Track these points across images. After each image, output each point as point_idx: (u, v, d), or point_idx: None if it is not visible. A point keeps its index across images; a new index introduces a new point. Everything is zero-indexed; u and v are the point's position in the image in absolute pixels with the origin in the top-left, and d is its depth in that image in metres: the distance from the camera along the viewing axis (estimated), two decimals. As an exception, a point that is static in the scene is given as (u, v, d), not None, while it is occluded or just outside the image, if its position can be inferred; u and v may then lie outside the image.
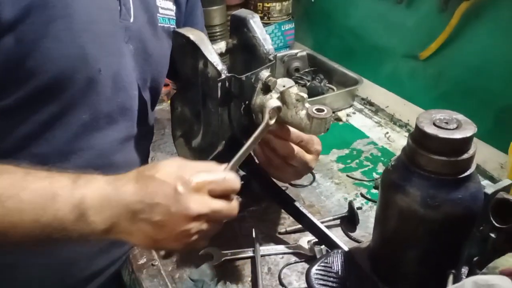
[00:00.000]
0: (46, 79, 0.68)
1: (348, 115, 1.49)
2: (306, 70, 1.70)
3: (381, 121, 1.46)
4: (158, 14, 0.87)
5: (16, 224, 0.55)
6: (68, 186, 0.57)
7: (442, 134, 0.57)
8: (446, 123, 0.58)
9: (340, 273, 0.72)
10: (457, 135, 0.56)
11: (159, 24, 0.87)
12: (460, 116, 0.60)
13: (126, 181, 0.60)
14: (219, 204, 0.63)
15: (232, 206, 0.65)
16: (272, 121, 0.75)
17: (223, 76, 0.79)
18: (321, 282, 0.70)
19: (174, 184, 0.59)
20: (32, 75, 0.66)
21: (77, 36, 0.69)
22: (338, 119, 1.45)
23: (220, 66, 0.78)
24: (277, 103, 0.75)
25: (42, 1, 0.64)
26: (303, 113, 0.76)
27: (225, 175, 0.64)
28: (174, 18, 0.92)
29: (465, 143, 0.58)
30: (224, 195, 0.64)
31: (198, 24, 1.02)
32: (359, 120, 1.47)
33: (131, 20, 0.79)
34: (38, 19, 0.64)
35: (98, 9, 0.73)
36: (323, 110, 0.75)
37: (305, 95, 0.78)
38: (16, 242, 0.59)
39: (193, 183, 0.59)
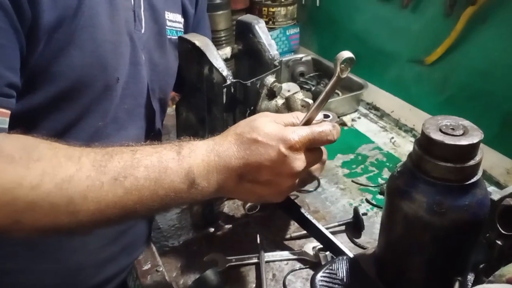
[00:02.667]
0: (65, 85, 0.69)
1: (353, 120, 1.49)
2: (311, 74, 1.70)
3: (387, 126, 1.46)
4: (166, 27, 0.88)
5: (137, 201, 0.57)
6: (175, 158, 0.60)
7: (448, 140, 0.56)
8: (453, 129, 0.58)
9: (345, 280, 0.71)
10: (464, 141, 0.56)
11: (167, 36, 0.88)
12: (467, 122, 0.59)
13: (227, 146, 0.62)
14: (316, 155, 0.68)
15: (322, 153, 0.70)
16: (344, 75, 0.64)
17: (228, 82, 0.79)
18: (326, 288, 0.70)
19: (277, 146, 0.61)
20: (54, 80, 0.68)
21: (99, 45, 0.71)
22: (343, 124, 1.45)
23: (225, 71, 0.79)
24: (350, 54, 0.64)
25: (74, 11, 0.66)
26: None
27: (320, 130, 0.66)
28: (182, 30, 0.94)
29: (472, 149, 0.57)
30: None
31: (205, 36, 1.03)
32: (364, 125, 1.47)
33: (143, 31, 0.82)
34: (68, 27, 0.66)
35: (118, 20, 0.75)
36: (328, 116, 0.74)
37: (311, 101, 0.78)
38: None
39: (294, 143, 0.62)
